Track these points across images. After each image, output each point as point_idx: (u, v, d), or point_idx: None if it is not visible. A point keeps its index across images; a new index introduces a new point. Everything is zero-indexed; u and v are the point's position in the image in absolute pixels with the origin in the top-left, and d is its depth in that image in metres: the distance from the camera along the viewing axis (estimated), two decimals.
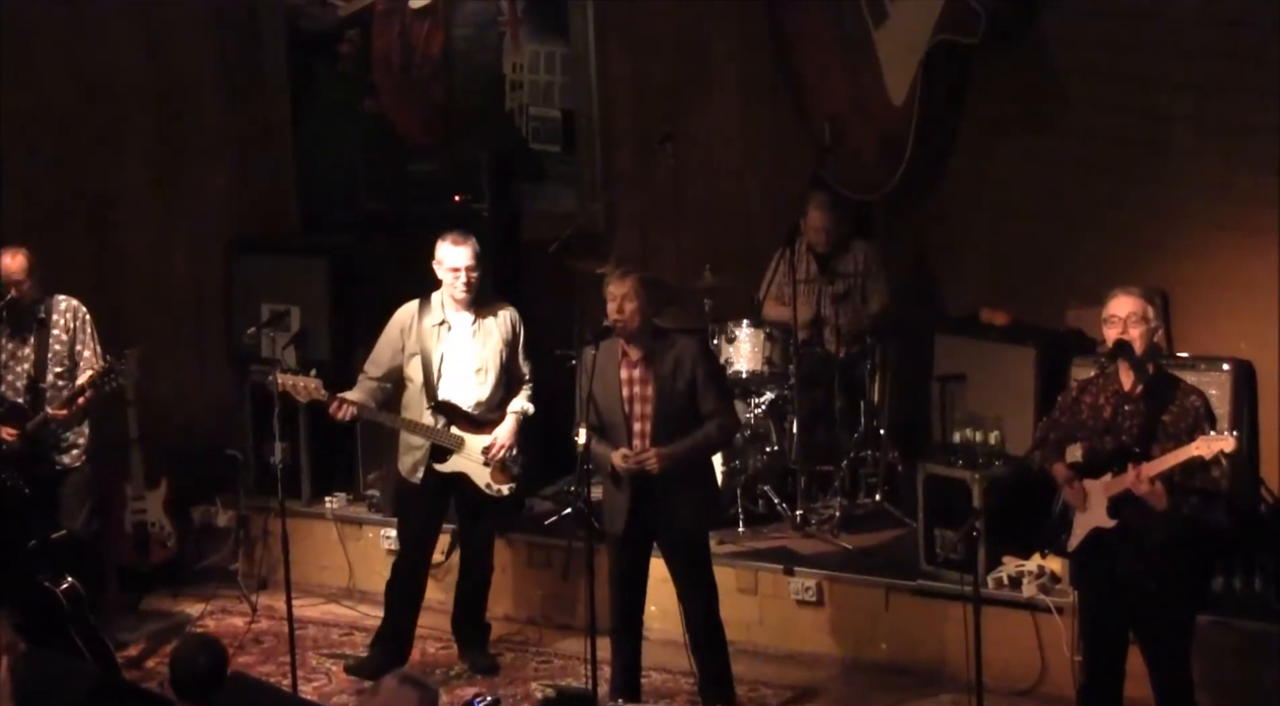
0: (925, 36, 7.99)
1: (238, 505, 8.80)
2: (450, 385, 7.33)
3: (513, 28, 9.33)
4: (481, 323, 7.37)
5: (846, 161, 8.44)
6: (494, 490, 7.38)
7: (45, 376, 7.58)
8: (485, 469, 7.34)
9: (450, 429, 7.32)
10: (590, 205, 9.12)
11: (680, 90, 9.01)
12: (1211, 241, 7.60)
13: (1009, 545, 7.27)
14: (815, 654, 7.62)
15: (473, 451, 7.33)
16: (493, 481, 7.36)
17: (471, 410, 7.34)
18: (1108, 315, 6.01)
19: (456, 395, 7.33)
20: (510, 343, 7.41)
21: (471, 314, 7.35)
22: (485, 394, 7.35)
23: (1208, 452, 5.74)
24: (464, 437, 7.32)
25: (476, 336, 7.35)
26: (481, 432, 7.34)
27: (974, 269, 8.49)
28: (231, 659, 7.54)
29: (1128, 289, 6.06)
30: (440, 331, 7.33)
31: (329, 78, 9.75)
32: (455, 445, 7.32)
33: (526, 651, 7.86)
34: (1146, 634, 6.09)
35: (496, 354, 7.37)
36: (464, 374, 7.34)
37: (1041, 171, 8.17)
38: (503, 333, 7.39)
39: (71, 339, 7.64)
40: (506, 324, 7.41)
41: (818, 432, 8.30)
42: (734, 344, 8.15)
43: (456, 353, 7.34)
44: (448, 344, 7.33)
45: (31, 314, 7.61)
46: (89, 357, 7.64)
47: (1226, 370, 7.16)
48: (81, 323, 7.68)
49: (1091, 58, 7.92)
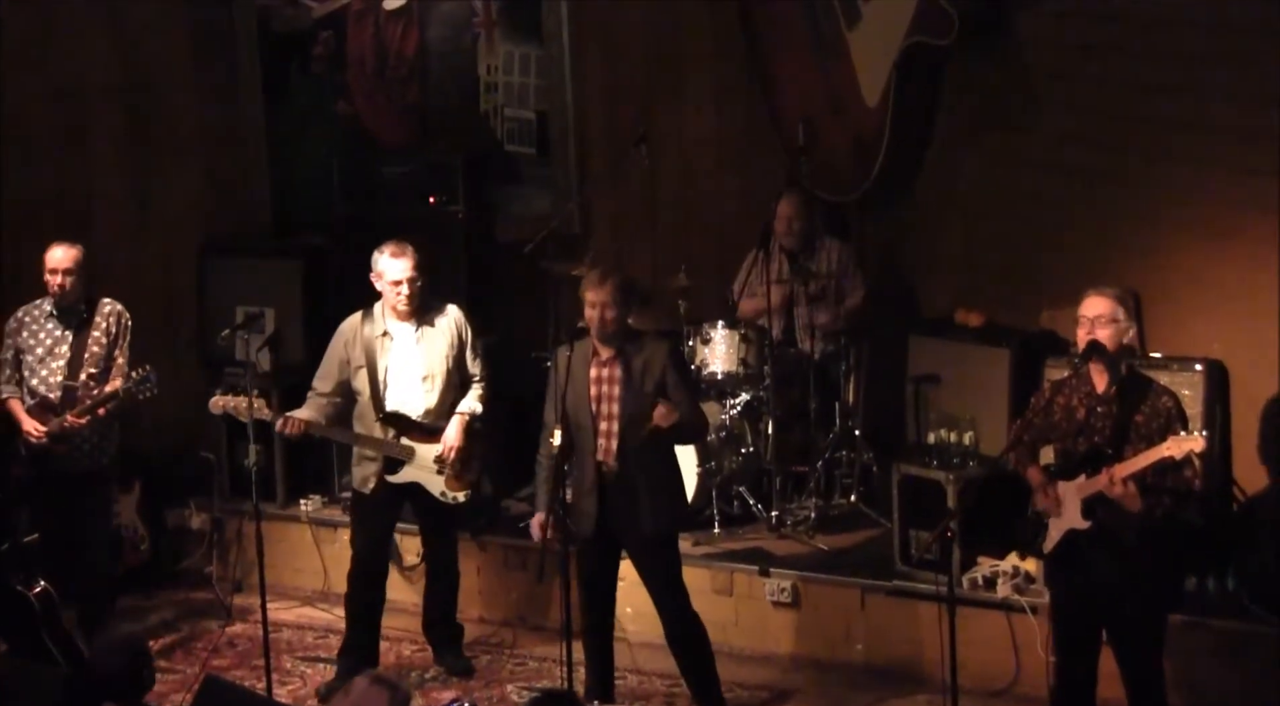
0: (898, 38, 8.00)
1: (212, 508, 8.79)
2: (397, 395, 7.27)
3: (487, 29, 9.32)
4: (425, 329, 7.29)
5: (821, 163, 8.46)
6: (449, 498, 7.33)
7: (78, 376, 7.61)
8: (439, 477, 7.29)
9: (400, 440, 7.26)
10: (565, 207, 9.11)
11: (654, 92, 9.02)
12: (1184, 243, 7.63)
13: (984, 545, 7.29)
14: (791, 655, 7.63)
15: (425, 460, 7.28)
16: (448, 489, 7.32)
17: (421, 419, 7.28)
18: (1078, 316, 6.04)
19: (405, 405, 7.27)
20: (457, 345, 7.35)
21: (414, 322, 7.28)
22: (434, 401, 7.30)
23: (1178, 453, 5.77)
24: (414, 447, 7.26)
25: (420, 344, 7.28)
26: (434, 441, 7.28)
27: (948, 270, 8.51)
28: (206, 662, 7.59)
29: (1099, 290, 6.09)
30: (384, 342, 7.25)
31: (302, 79, 9.73)
32: (406, 455, 7.26)
33: (502, 653, 7.85)
34: (1119, 634, 6.11)
35: (443, 359, 7.30)
36: (410, 383, 7.27)
37: (1015, 173, 8.19)
38: (448, 337, 7.33)
39: (111, 343, 7.68)
40: (451, 327, 7.35)
41: (793, 433, 8.31)
42: (709, 345, 8.15)
43: (401, 362, 7.27)
44: (392, 355, 7.26)
45: (75, 312, 7.63)
46: (120, 365, 7.67)
47: (1199, 370, 7.19)
48: (123, 329, 7.72)
49: (1064, 60, 7.94)
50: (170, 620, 8.27)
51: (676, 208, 8.92)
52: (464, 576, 8.23)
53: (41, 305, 7.75)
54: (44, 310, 7.73)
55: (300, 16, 9.61)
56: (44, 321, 7.72)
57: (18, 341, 7.71)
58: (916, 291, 8.69)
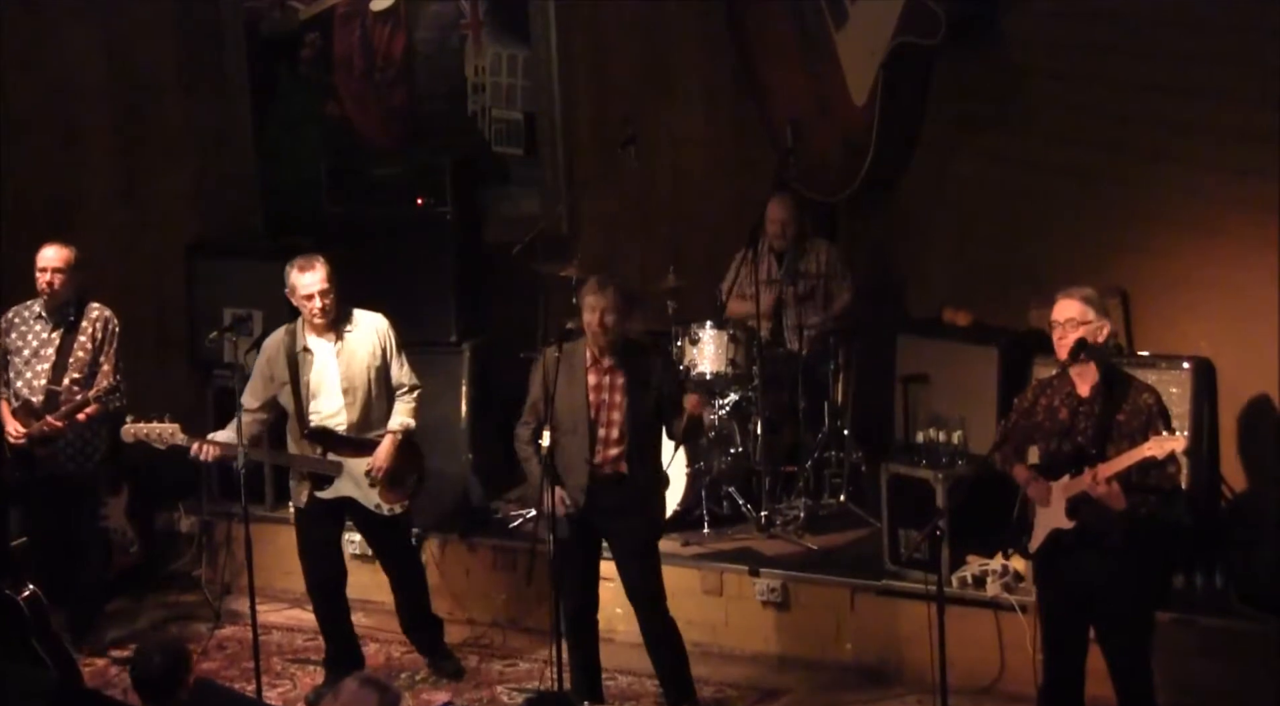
0: (885, 38, 8.00)
1: (201, 511, 8.77)
2: (320, 410, 7.16)
3: (474, 30, 9.32)
4: (345, 342, 7.16)
5: (809, 163, 8.46)
6: (385, 510, 7.21)
7: (62, 380, 7.58)
8: (372, 490, 7.17)
9: (327, 455, 7.15)
10: (553, 208, 9.12)
11: (642, 93, 9.02)
12: (1172, 241, 7.64)
13: (973, 545, 7.29)
14: (780, 655, 7.63)
15: (356, 474, 7.15)
16: (382, 502, 7.19)
17: (347, 432, 7.17)
18: (1051, 320, 6.03)
19: (330, 420, 7.17)
20: (380, 356, 7.19)
21: (332, 335, 7.16)
22: (356, 415, 7.16)
23: (1160, 453, 5.77)
24: (342, 462, 7.14)
25: (340, 357, 7.15)
26: (364, 454, 7.15)
27: (936, 269, 8.52)
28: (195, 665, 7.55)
29: (1068, 292, 6.05)
30: (305, 358, 7.13)
31: (290, 81, 9.72)
32: (334, 471, 7.15)
33: (492, 655, 7.85)
34: (1106, 633, 6.11)
35: (364, 371, 7.16)
36: (331, 397, 7.15)
37: (1003, 172, 8.20)
38: (369, 347, 7.18)
39: (96, 349, 7.65)
40: (373, 338, 7.20)
41: (782, 433, 8.32)
42: (698, 346, 8.15)
43: (320, 377, 7.15)
44: (313, 370, 7.14)
45: (63, 313, 7.61)
46: (106, 371, 7.64)
47: (1186, 368, 7.20)
48: (109, 335, 7.69)
49: (1053, 59, 7.95)
50: (159, 623, 8.25)
51: (665, 208, 8.92)
52: (453, 578, 8.26)
53: (31, 307, 7.74)
54: (33, 312, 7.73)
55: (288, 18, 9.61)
56: (32, 322, 7.71)
57: (5, 342, 7.70)
58: (905, 291, 8.70)
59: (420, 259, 8.77)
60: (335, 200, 9.03)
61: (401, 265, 8.76)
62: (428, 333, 8.73)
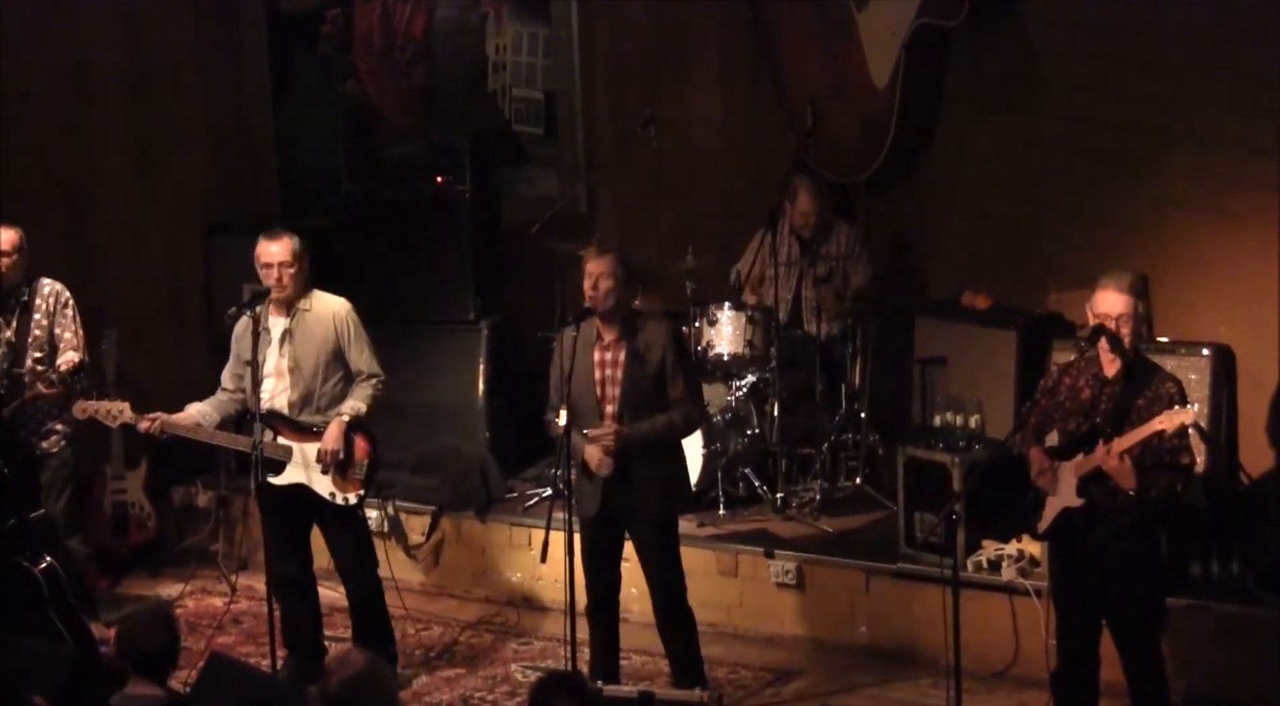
0: (907, 19, 7.99)
1: (218, 486, 8.79)
2: (268, 391, 6.93)
3: (495, 9, 9.31)
4: (298, 322, 6.95)
5: (828, 144, 8.44)
6: (340, 499, 6.93)
7: (24, 362, 7.52)
8: (325, 477, 6.92)
9: (276, 439, 6.93)
10: (572, 188, 9.11)
11: (662, 73, 9.01)
12: (1192, 225, 7.61)
13: (988, 529, 7.27)
14: (795, 636, 7.63)
15: (308, 460, 6.92)
16: (337, 490, 6.92)
17: (289, 414, 6.94)
18: (1096, 313, 5.98)
19: (276, 401, 6.95)
20: (333, 340, 6.96)
21: (286, 314, 6.95)
22: (296, 396, 6.93)
23: (1170, 426, 5.75)
24: (291, 446, 6.92)
25: (293, 335, 6.95)
26: (314, 440, 6.92)
27: (955, 252, 8.50)
28: (211, 639, 7.61)
29: (1115, 283, 5.92)
30: (264, 338, 6.89)
31: (309, 60, 9.72)
32: (284, 455, 6.93)
33: (506, 633, 7.86)
34: (1115, 617, 6.10)
35: (313, 353, 6.94)
36: (277, 376, 6.95)
37: (1023, 154, 8.17)
38: (323, 330, 6.95)
39: (50, 323, 7.58)
40: (330, 321, 6.97)
41: (798, 415, 8.31)
42: (715, 326, 8.14)
43: (270, 356, 6.93)
44: (268, 350, 6.93)
45: (15, 296, 7.58)
46: (69, 339, 7.57)
47: (1206, 355, 7.16)
48: (61, 305, 7.60)
49: (1072, 41, 7.93)
50: (175, 597, 8.28)
51: (683, 188, 8.91)
52: (469, 556, 8.27)
53: None
54: None
55: None
56: None
57: None
58: (923, 273, 8.68)
59: (438, 238, 8.77)
60: (353, 179, 9.02)
61: (420, 244, 8.75)
62: (446, 312, 8.75)
